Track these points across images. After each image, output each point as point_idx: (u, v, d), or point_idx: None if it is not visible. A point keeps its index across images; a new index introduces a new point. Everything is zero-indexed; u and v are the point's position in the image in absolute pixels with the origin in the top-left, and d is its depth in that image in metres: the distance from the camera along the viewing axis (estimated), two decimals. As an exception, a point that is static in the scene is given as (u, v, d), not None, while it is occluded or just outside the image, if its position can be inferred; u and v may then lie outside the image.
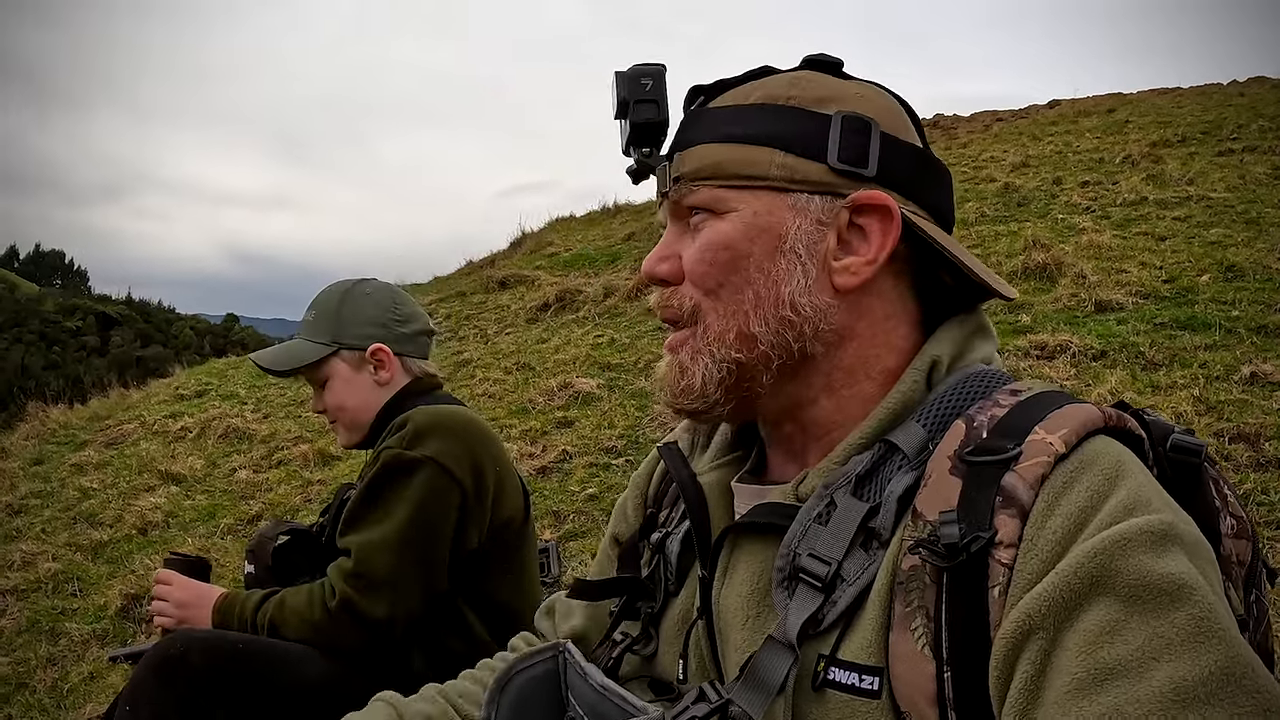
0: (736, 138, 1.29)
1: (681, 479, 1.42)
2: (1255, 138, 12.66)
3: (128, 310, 77.91)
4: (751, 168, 1.27)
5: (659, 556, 1.45)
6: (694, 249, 1.32)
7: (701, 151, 1.30)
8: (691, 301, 1.33)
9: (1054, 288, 8.06)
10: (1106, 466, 1.05)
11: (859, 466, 1.20)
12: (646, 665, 1.41)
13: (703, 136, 1.31)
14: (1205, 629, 0.90)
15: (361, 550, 2.60)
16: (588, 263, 13.34)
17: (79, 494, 8.39)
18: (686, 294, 1.33)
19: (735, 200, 1.28)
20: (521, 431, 7.38)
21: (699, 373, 1.30)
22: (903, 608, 1.07)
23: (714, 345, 1.29)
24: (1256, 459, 4.98)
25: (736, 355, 1.28)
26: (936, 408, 1.22)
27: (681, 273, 1.34)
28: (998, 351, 1.37)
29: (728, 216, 1.28)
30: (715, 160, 1.28)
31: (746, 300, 1.27)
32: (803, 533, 1.18)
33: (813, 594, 1.13)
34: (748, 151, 1.27)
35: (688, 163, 1.31)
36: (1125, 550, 0.95)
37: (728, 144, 1.29)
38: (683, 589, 1.41)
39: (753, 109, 1.29)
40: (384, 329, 3.00)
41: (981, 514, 1.05)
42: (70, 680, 5.21)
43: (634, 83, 1.36)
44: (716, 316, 1.30)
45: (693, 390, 1.31)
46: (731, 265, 1.28)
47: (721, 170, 1.28)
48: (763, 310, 1.26)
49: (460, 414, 2.86)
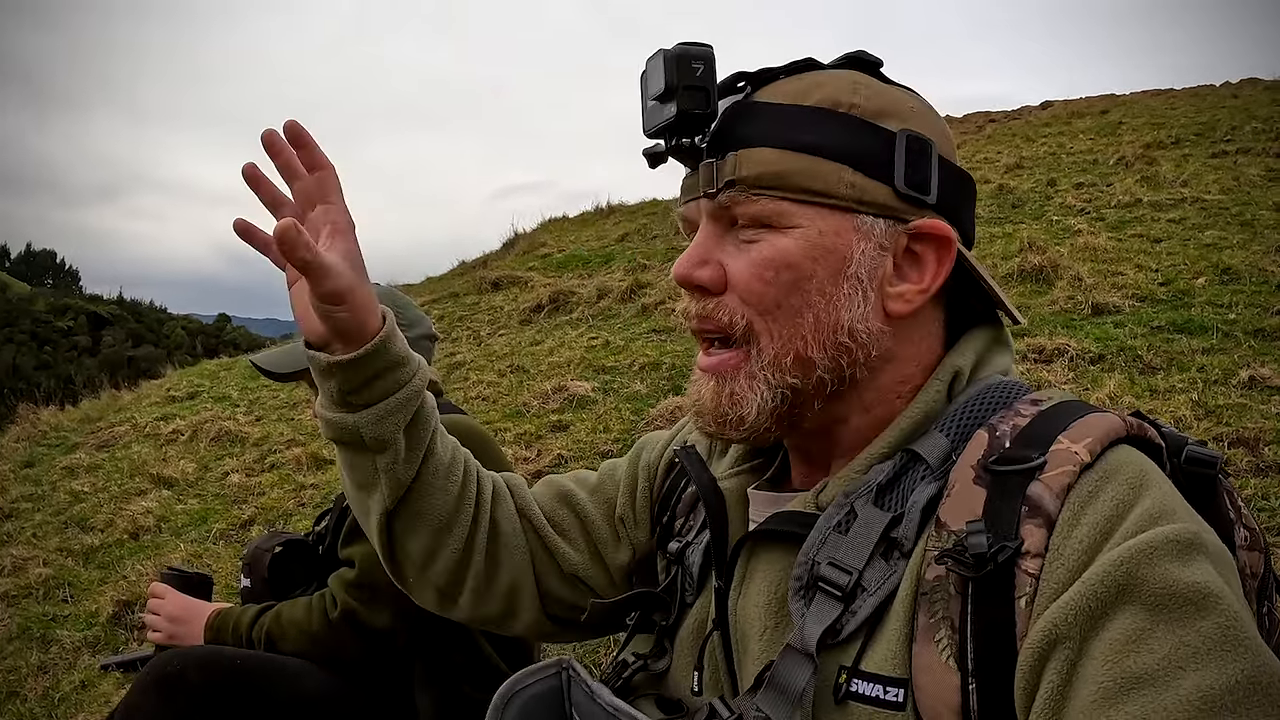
0: (804, 146, 1.22)
1: (702, 485, 1.40)
2: (1249, 139, 12.69)
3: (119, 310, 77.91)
4: (820, 183, 1.21)
5: (677, 567, 1.44)
6: (750, 263, 1.24)
7: (763, 156, 1.22)
8: (744, 320, 1.24)
9: (1050, 290, 8.06)
10: (1131, 475, 1.05)
11: (880, 475, 1.19)
12: (658, 681, 1.38)
13: (763, 137, 1.23)
14: (1232, 638, 0.90)
15: (365, 561, 2.57)
16: (581, 264, 13.34)
17: (70, 497, 8.36)
18: (735, 310, 1.25)
19: (799, 216, 1.22)
20: (516, 435, 7.36)
21: (754, 401, 1.24)
22: (927, 619, 1.06)
23: (769, 370, 1.24)
24: (1256, 464, 4.97)
25: (792, 381, 1.23)
26: (959, 418, 1.21)
27: (723, 282, 1.26)
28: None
29: (790, 233, 1.22)
30: (780, 169, 1.21)
31: (805, 324, 1.22)
32: (821, 541, 1.17)
33: (831, 603, 1.12)
34: (816, 164, 1.21)
35: (747, 166, 1.22)
36: (1151, 559, 0.95)
37: (793, 152, 1.22)
38: (699, 599, 1.39)
39: (816, 114, 1.24)
40: None
41: (1008, 524, 1.04)
42: (61, 689, 5.18)
43: (684, 66, 1.23)
44: (771, 339, 1.24)
45: (744, 421, 1.25)
46: (793, 286, 1.22)
47: (787, 181, 1.21)
48: (821, 335, 1.22)
49: (461, 422, 2.82)
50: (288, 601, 2.70)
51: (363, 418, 1.39)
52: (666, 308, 9.91)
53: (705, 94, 1.23)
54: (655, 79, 1.24)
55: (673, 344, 8.81)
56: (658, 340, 9.15)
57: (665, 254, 12.37)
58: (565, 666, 1.29)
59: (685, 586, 1.41)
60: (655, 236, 14.28)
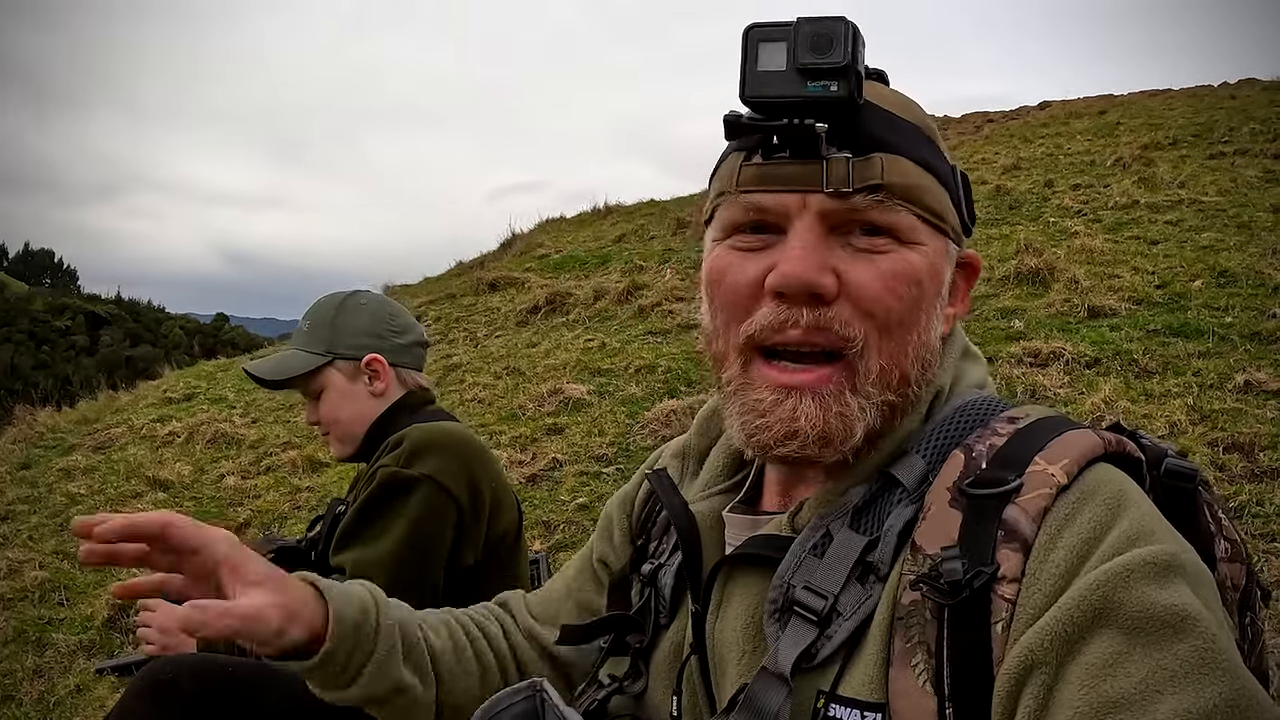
0: (928, 165, 1.20)
1: (674, 508, 1.38)
2: (1246, 140, 12.68)
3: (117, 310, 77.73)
4: (940, 205, 1.21)
5: (650, 589, 1.42)
6: (880, 275, 1.16)
7: (906, 167, 1.17)
8: (862, 334, 1.16)
9: (1047, 293, 8.06)
10: (1108, 496, 1.04)
11: (856, 498, 1.19)
12: (635, 703, 1.38)
13: (901, 147, 1.18)
14: (1209, 660, 0.89)
15: (357, 567, 2.56)
16: (578, 265, 13.33)
17: (66, 500, 8.33)
18: (854, 323, 1.16)
19: (924, 233, 1.20)
20: (511, 438, 7.35)
21: (862, 421, 1.17)
22: (903, 643, 1.06)
23: (874, 387, 1.18)
24: (1251, 469, 4.97)
25: (893, 399, 1.20)
26: (935, 438, 1.21)
27: (838, 291, 1.16)
28: (992, 360, 1.35)
29: (917, 249, 1.19)
30: (918, 184, 1.18)
31: (911, 341, 1.20)
32: (797, 565, 1.16)
33: (807, 627, 1.11)
34: (936, 185, 1.21)
35: (894, 173, 1.16)
36: (1128, 582, 0.94)
37: (923, 169, 1.19)
38: (674, 622, 1.38)
39: (919, 133, 1.22)
40: (379, 339, 2.97)
41: (984, 548, 1.03)
42: (57, 693, 5.17)
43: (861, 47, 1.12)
44: (879, 355, 1.18)
45: (848, 443, 1.17)
46: (916, 303, 1.19)
47: (922, 198, 1.19)
48: (919, 353, 1.21)
49: (455, 431, 2.83)
50: None
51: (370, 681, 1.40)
52: (663, 310, 9.91)
53: (854, 76, 1.12)
54: (818, 47, 1.11)
55: (669, 346, 8.81)
56: (654, 343, 9.15)
57: (662, 255, 12.36)
58: (539, 689, 1.28)
59: (659, 609, 1.40)
60: (653, 238, 14.27)
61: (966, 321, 7.64)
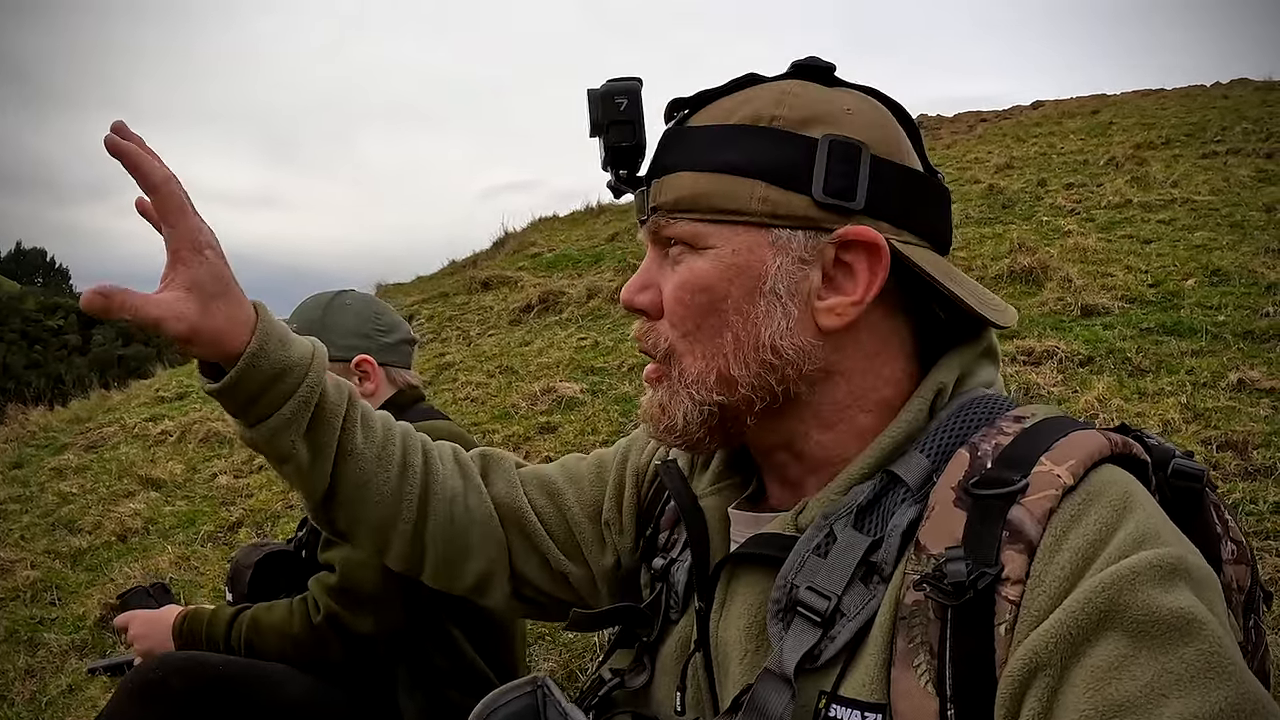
0: (717, 166, 1.21)
1: (683, 504, 1.39)
2: (1239, 140, 12.71)
3: (109, 309, 77.48)
4: (732, 201, 1.20)
5: (662, 584, 1.42)
6: (670, 288, 1.27)
7: (680, 181, 1.24)
8: (666, 342, 1.29)
9: (1040, 292, 8.07)
10: (1114, 498, 1.03)
11: (860, 497, 1.18)
12: (636, 698, 1.38)
13: (682, 162, 1.25)
14: (1215, 664, 0.89)
15: (347, 565, 2.56)
16: (571, 264, 13.31)
17: (58, 499, 8.31)
18: (662, 333, 1.29)
19: (714, 236, 1.22)
20: (504, 437, 7.34)
21: (680, 413, 1.27)
22: (905, 644, 1.05)
23: (692, 388, 1.26)
24: (1245, 467, 4.98)
25: (718, 398, 1.24)
26: (939, 436, 1.20)
27: (661, 306, 1.29)
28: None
29: (705, 254, 1.22)
30: (695, 191, 1.22)
31: (726, 343, 1.23)
32: (800, 564, 1.16)
33: (810, 628, 1.11)
34: (728, 183, 1.20)
35: (665, 192, 1.26)
36: (1134, 585, 0.93)
37: (708, 173, 1.22)
38: (682, 618, 1.38)
39: (735, 131, 1.22)
40: (368, 340, 2.96)
41: (988, 549, 1.03)
42: (49, 692, 5.14)
43: (608, 103, 1.29)
44: (693, 359, 1.26)
45: (675, 429, 1.29)
46: (709, 308, 1.23)
47: (700, 203, 1.22)
48: (742, 353, 1.22)
49: (445, 429, 2.82)
50: (264, 605, 2.68)
51: (258, 433, 1.42)
52: (656, 308, 9.90)
53: (631, 127, 1.29)
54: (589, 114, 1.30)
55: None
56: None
57: (656, 254, 12.34)
58: (540, 684, 1.29)
59: (670, 604, 1.39)
60: (646, 236, 14.24)
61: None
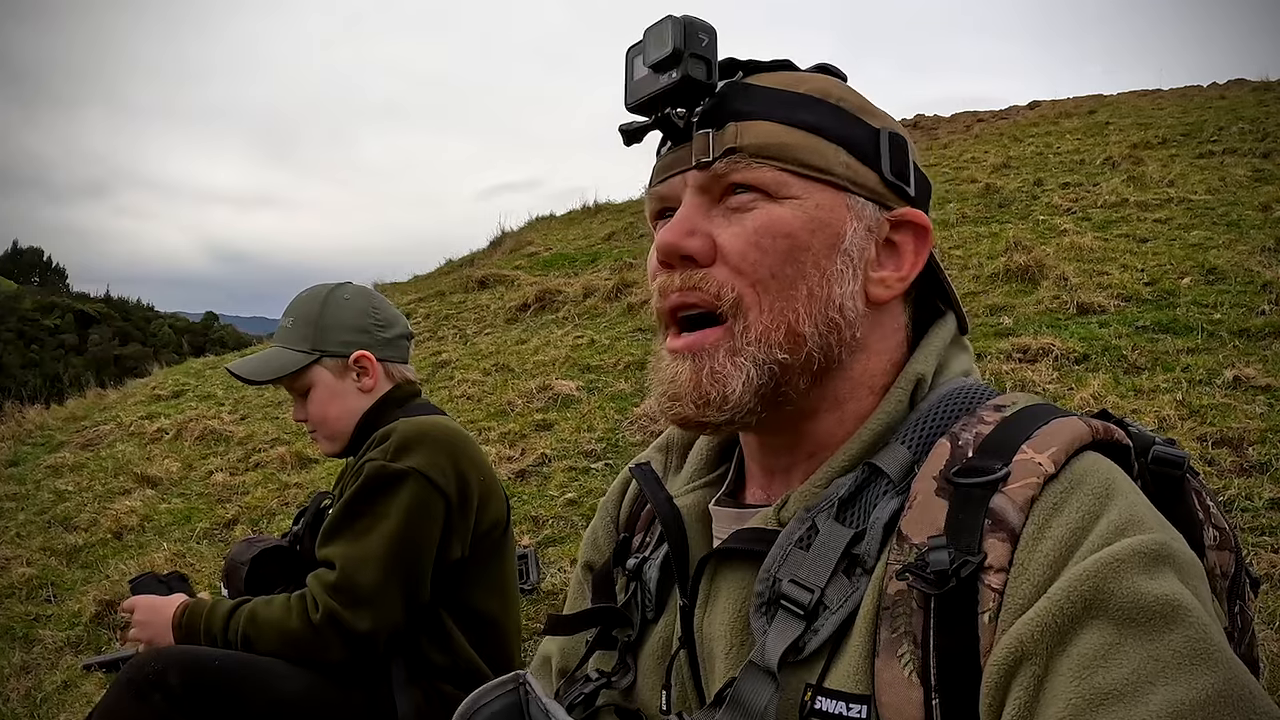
0: (803, 124, 1.22)
1: (658, 502, 1.37)
2: (1235, 140, 12.70)
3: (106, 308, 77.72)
4: (819, 159, 1.22)
5: (635, 583, 1.41)
6: (744, 231, 1.21)
7: (763, 128, 1.22)
8: (734, 291, 1.20)
9: (1036, 290, 8.07)
10: (1096, 485, 1.03)
11: (841, 490, 1.18)
12: (623, 697, 1.37)
13: (760, 112, 1.23)
14: (1201, 650, 0.88)
15: (346, 563, 2.56)
16: (567, 263, 13.33)
17: (54, 497, 8.32)
18: (725, 281, 1.21)
19: (797, 187, 1.21)
20: (500, 434, 7.35)
21: (739, 378, 1.19)
22: (889, 634, 1.05)
23: (757, 345, 1.19)
24: (1240, 464, 4.99)
25: (782, 357, 1.20)
26: (920, 427, 1.20)
27: (713, 253, 1.22)
28: (981, 356, 1.35)
29: (787, 203, 1.21)
30: (782, 141, 1.21)
31: (799, 296, 1.20)
32: (783, 558, 1.16)
33: (793, 621, 1.11)
34: (815, 141, 1.22)
35: (748, 136, 1.21)
36: (1118, 572, 0.93)
37: (794, 128, 1.22)
38: (662, 617, 1.37)
39: (808, 99, 1.25)
40: (366, 334, 2.95)
41: (970, 538, 1.03)
42: (44, 689, 5.15)
43: (691, 34, 1.20)
44: (761, 312, 1.20)
45: (728, 400, 1.20)
46: (788, 256, 1.20)
47: (788, 153, 1.21)
48: (814, 309, 1.20)
49: (443, 424, 2.83)
50: (262, 600, 2.67)
51: None
52: (651, 307, 9.91)
53: (707, 65, 1.21)
54: (657, 44, 1.20)
55: (658, 344, 8.78)
56: (643, 339, 9.14)
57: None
58: (522, 681, 1.28)
59: (645, 603, 1.39)
60: (642, 235, 14.27)
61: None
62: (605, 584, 1.48)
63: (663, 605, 1.37)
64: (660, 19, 1.21)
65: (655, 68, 1.22)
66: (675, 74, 1.20)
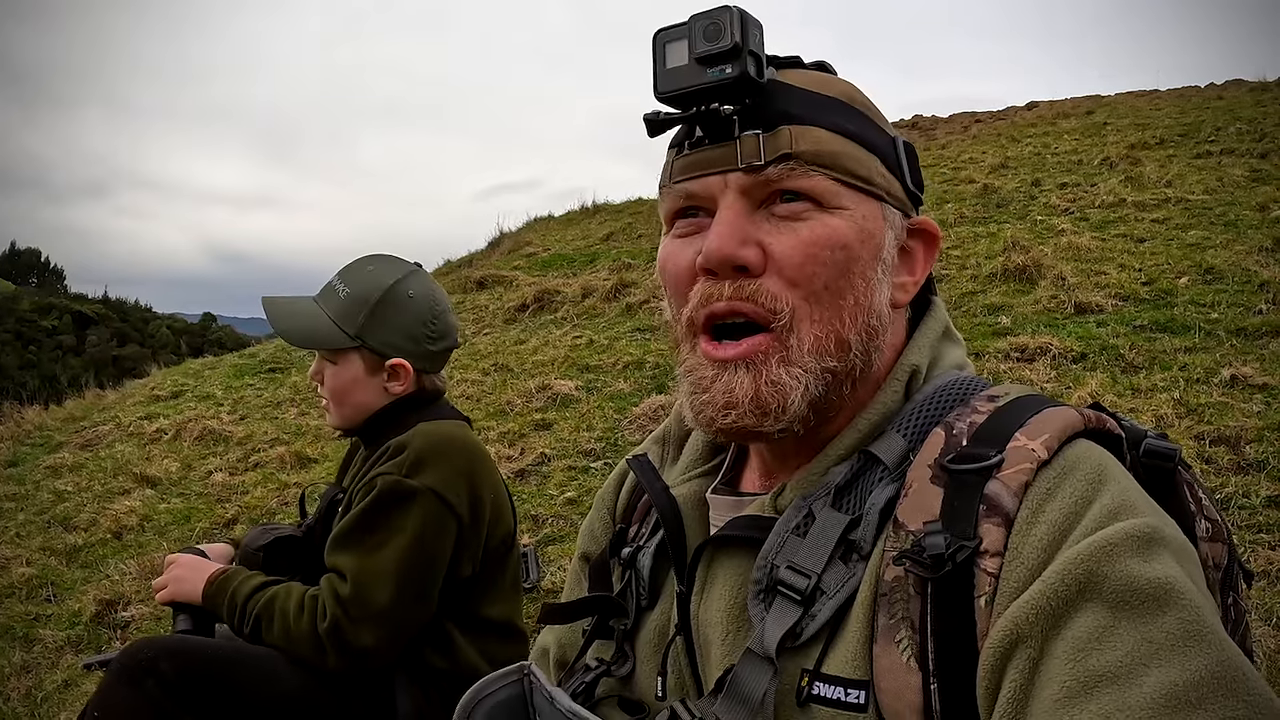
0: (846, 132, 1.22)
1: (655, 491, 1.38)
2: (1233, 140, 12.72)
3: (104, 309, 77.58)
4: (863, 169, 1.22)
5: (630, 572, 1.41)
6: (801, 242, 1.18)
7: (817, 134, 1.19)
8: (789, 305, 1.18)
9: (1034, 290, 8.08)
10: (1089, 471, 1.05)
11: (837, 477, 1.19)
12: (623, 685, 1.37)
13: (810, 117, 1.21)
14: (1194, 632, 0.89)
15: (359, 576, 2.54)
16: (566, 263, 13.33)
17: (54, 497, 8.31)
18: (779, 293, 1.18)
19: (845, 197, 1.20)
20: (500, 434, 7.35)
21: (797, 389, 1.17)
22: (886, 620, 1.06)
23: (810, 355, 1.18)
24: (1237, 462, 5.00)
25: (833, 365, 1.19)
26: (915, 417, 1.22)
27: (764, 263, 1.19)
28: (978, 355, 1.36)
29: (838, 213, 1.19)
30: (833, 149, 1.20)
31: (846, 306, 1.19)
32: (780, 545, 1.17)
33: (791, 607, 1.12)
34: (858, 150, 1.22)
35: (804, 142, 1.18)
36: (1111, 555, 0.94)
37: (839, 135, 1.21)
38: (658, 604, 1.38)
39: (841, 105, 1.25)
40: (414, 344, 2.86)
41: (966, 523, 1.04)
42: (44, 688, 5.16)
43: (752, 29, 1.16)
44: (812, 323, 1.18)
45: (786, 411, 1.18)
46: (843, 268, 1.19)
47: (839, 162, 1.20)
48: (858, 317, 1.21)
49: (459, 438, 2.79)
50: (284, 586, 2.64)
51: None
52: (650, 306, 9.92)
53: (759, 61, 1.18)
54: (711, 35, 1.16)
55: (656, 343, 8.81)
56: (641, 339, 9.15)
57: (649, 253, 12.34)
58: (527, 672, 1.28)
59: (639, 591, 1.39)
60: (640, 235, 14.29)
61: (953, 316, 7.67)
62: (602, 573, 1.48)
63: (657, 592, 1.38)
64: (715, 7, 1.17)
65: (705, 60, 1.17)
66: (730, 70, 1.16)
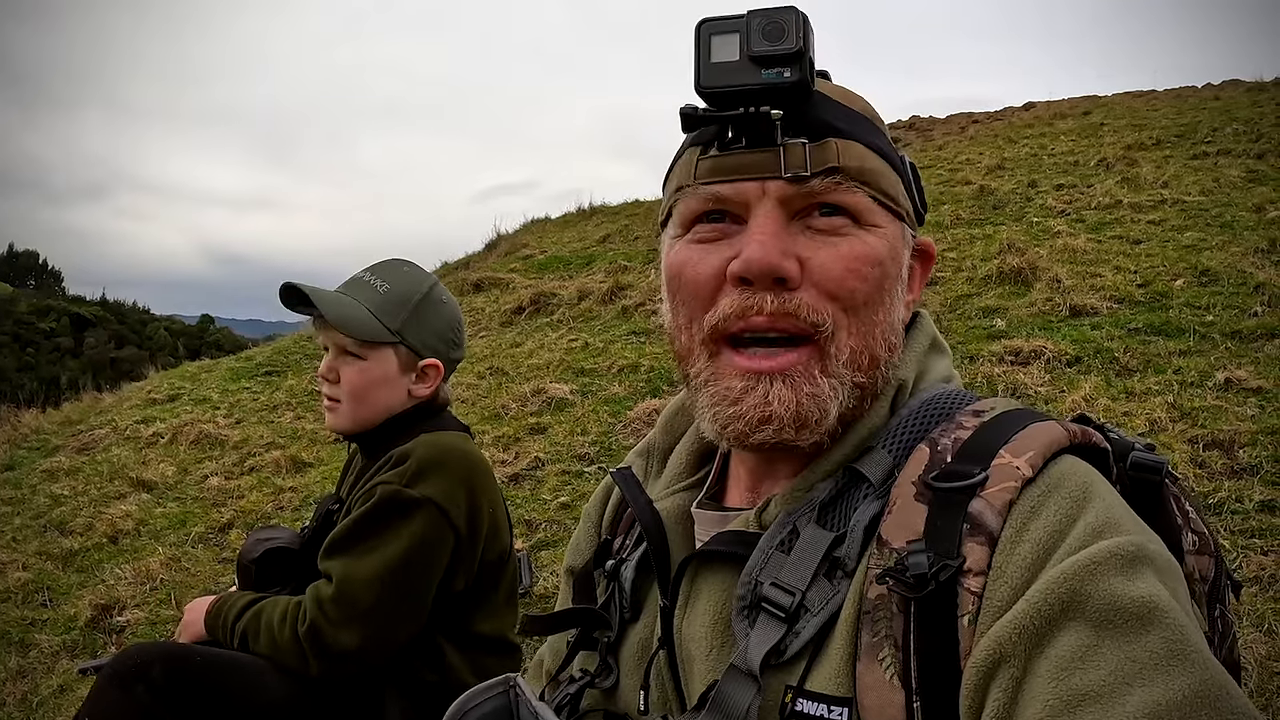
0: (880, 150, 1.22)
1: (638, 505, 1.38)
2: (1229, 141, 12.72)
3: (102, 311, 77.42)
4: (894, 188, 1.23)
5: (614, 584, 1.42)
6: (841, 257, 1.17)
7: (859, 150, 1.19)
8: (829, 318, 1.17)
9: (1029, 292, 8.08)
10: (1074, 488, 1.04)
11: (822, 494, 1.19)
12: (607, 698, 1.37)
13: (849, 131, 1.20)
14: (1178, 651, 0.89)
15: (344, 579, 2.55)
16: (562, 265, 13.33)
17: (50, 501, 8.30)
18: (819, 307, 1.17)
19: (879, 215, 1.21)
20: (494, 438, 7.35)
21: (835, 402, 1.17)
22: (870, 637, 1.06)
23: (845, 368, 1.18)
24: (1231, 466, 4.99)
25: (864, 380, 1.20)
26: (900, 433, 1.21)
27: (801, 276, 1.17)
28: (972, 359, 1.36)
29: (875, 231, 1.20)
30: (873, 166, 1.20)
31: (877, 322, 1.20)
32: (764, 561, 1.16)
33: (775, 624, 1.12)
34: (889, 169, 1.23)
35: (849, 157, 1.18)
36: (1095, 574, 0.94)
37: (876, 154, 1.21)
38: (641, 617, 1.38)
39: (867, 121, 1.25)
40: (445, 346, 2.92)
41: (949, 542, 1.04)
42: (40, 693, 5.15)
43: (812, 35, 1.14)
44: (848, 336, 1.18)
45: (822, 424, 1.17)
46: (879, 284, 1.19)
47: (877, 180, 1.20)
48: (885, 333, 1.22)
49: (461, 449, 2.79)
50: (271, 600, 2.67)
51: None
52: (647, 310, 9.91)
53: (813, 68, 1.16)
54: (772, 35, 1.12)
55: (652, 346, 8.81)
56: (637, 342, 9.15)
57: (646, 255, 12.35)
58: (512, 684, 1.28)
59: (622, 603, 1.39)
60: (637, 238, 14.27)
61: (948, 320, 7.67)
62: (586, 586, 1.48)
63: (639, 605, 1.38)
64: (770, 8, 1.14)
65: (761, 60, 1.13)
66: (789, 74, 1.12)
